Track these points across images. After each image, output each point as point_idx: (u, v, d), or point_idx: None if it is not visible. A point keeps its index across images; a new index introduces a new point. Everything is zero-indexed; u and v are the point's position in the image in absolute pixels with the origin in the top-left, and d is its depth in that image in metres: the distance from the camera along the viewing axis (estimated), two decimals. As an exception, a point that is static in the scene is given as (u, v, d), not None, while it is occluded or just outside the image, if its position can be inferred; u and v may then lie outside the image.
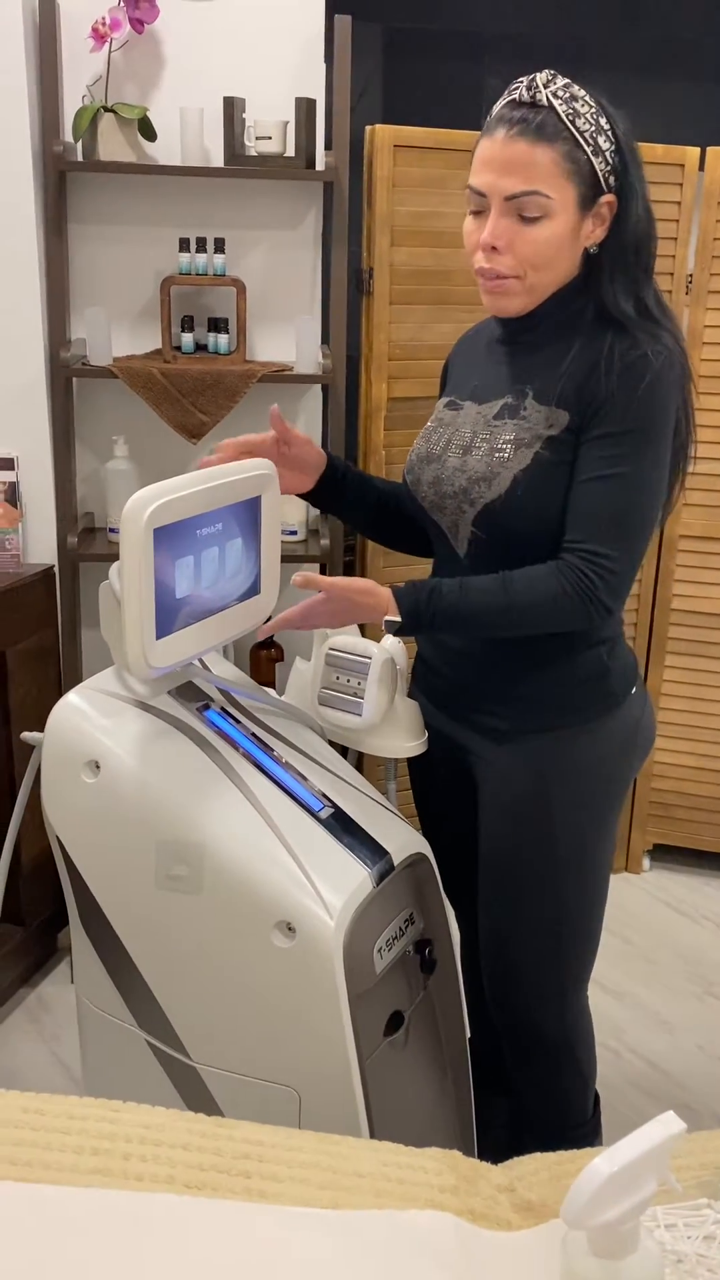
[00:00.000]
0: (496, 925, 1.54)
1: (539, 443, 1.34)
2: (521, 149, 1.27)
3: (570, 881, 1.49)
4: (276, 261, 2.36)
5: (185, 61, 2.22)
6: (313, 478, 1.54)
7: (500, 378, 1.43)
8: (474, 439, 1.41)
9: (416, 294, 2.32)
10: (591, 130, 1.29)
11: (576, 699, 1.45)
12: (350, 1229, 0.84)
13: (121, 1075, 1.49)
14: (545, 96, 1.28)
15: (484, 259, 1.33)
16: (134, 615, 1.28)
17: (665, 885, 2.89)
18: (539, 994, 1.56)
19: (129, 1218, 0.79)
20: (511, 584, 1.33)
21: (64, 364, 2.21)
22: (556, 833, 1.47)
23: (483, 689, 1.48)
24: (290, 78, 2.24)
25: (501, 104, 1.31)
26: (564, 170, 1.28)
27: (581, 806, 1.47)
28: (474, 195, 1.33)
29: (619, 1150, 0.67)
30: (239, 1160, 0.88)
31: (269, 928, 1.28)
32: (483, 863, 1.54)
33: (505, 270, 1.33)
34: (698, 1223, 0.88)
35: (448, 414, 1.48)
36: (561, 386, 1.35)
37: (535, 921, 1.51)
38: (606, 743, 1.47)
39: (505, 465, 1.36)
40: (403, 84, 3.40)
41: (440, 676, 1.54)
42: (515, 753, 1.47)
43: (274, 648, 2.45)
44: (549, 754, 1.46)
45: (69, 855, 1.43)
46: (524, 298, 1.36)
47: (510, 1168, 1.01)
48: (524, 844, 1.48)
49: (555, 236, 1.31)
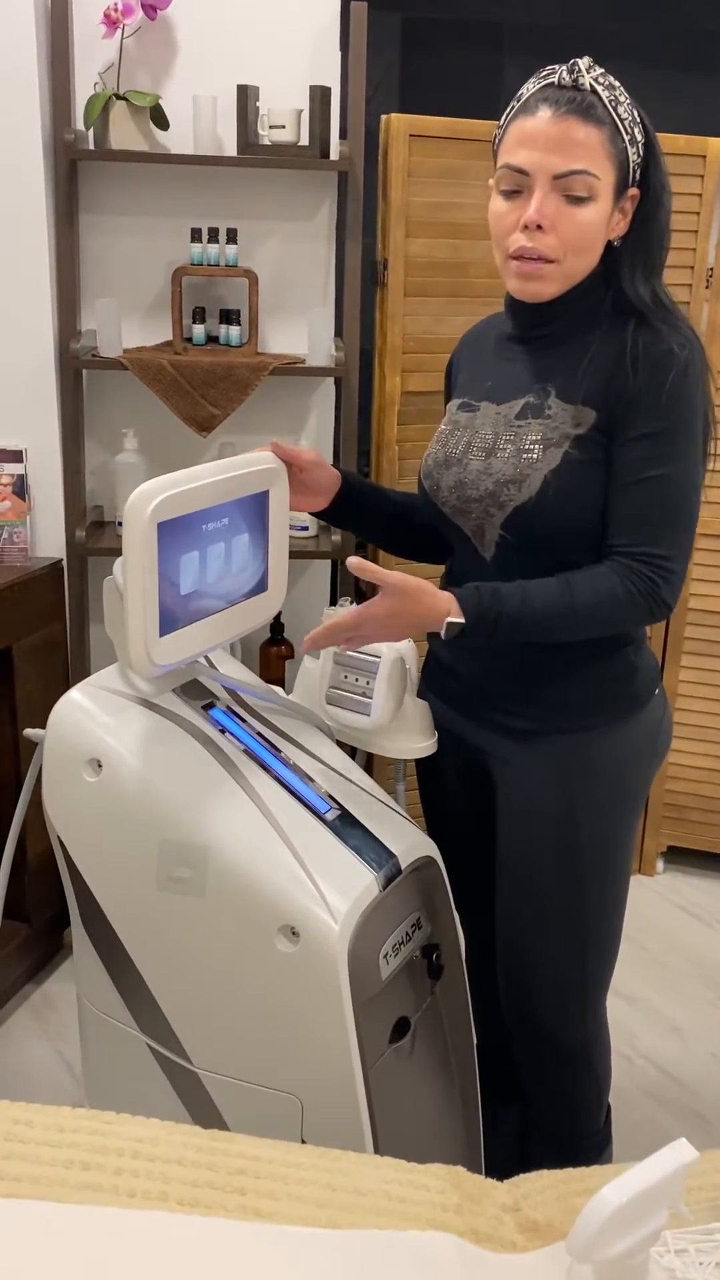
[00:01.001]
0: (516, 932, 1.51)
1: (567, 442, 1.32)
2: (572, 126, 1.25)
3: (593, 886, 1.46)
4: (290, 252, 2.33)
5: (198, 49, 2.19)
6: (327, 497, 1.50)
7: (518, 376, 1.39)
8: (497, 440, 1.37)
9: (432, 286, 2.29)
10: (629, 120, 1.29)
11: (604, 699, 1.42)
12: (348, 1249, 0.81)
13: (122, 1079, 1.47)
14: (589, 81, 1.27)
15: (525, 239, 1.29)
16: (137, 611, 1.25)
17: (679, 888, 2.85)
18: (560, 1003, 1.52)
19: (118, 1235, 0.76)
20: (573, 586, 1.30)
21: (74, 355, 2.18)
22: (580, 836, 1.43)
23: (507, 689, 1.45)
24: (305, 66, 2.21)
25: (538, 86, 1.29)
26: (608, 153, 1.27)
27: (605, 809, 1.44)
28: (511, 174, 1.29)
29: (628, 1180, 0.63)
30: (234, 1176, 0.85)
31: (272, 932, 1.25)
32: (501, 867, 1.50)
33: (547, 252, 1.29)
34: (710, 1248, 0.84)
35: (463, 416, 1.44)
36: (586, 384, 1.32)
37: (557, 927, 1.48)
38: (630, 744, 1.44)
39: (534, 466, 1.33)
40: (421, 74, 3.36)
41: (456, 677, 1.50)
42: (538, 754, 1.44)
43: (284, 644, 2.42)
44: (573, 755, 1.43)
45: (70, 855, 1.41)
46: (558, 283, 1.32)
47: (516, 1185, 0.98)
48: (546, 847, 1.45)
49: (599, 220, 1.29)
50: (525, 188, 1.28)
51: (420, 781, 1.66)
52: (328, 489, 1.49)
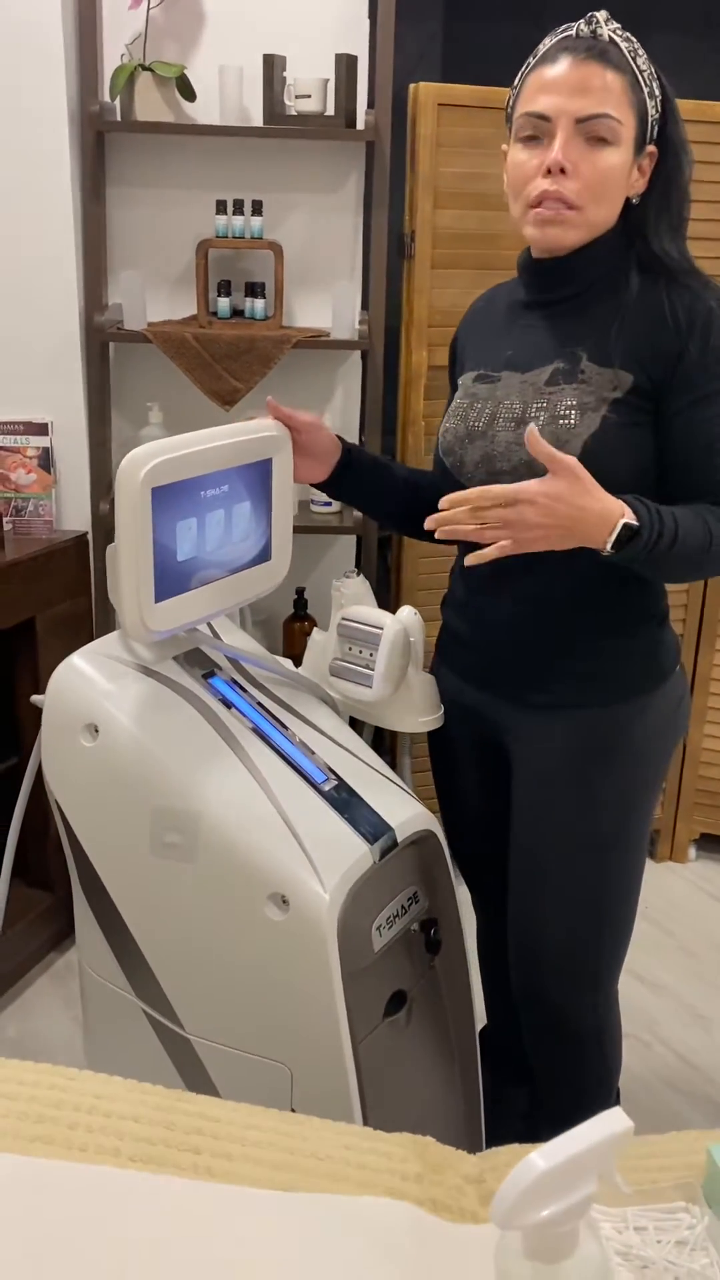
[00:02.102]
0: (529, 911, 1.48)
1: (605, 406, 1.28)
2: (594, 70, 1.24)
3: (609, 863, 1.43)
4: (316, 225, 2.31)
5: (225, 19, 2.17)
6: (328, 466, 1.47)
7: (542, 342, 1.36)
8: (527, 408, 1.33)
9: (460, 258, 2.25)
10: (648, 74, 1.28)
11: (628, 672, 1.40)
12: (297, 1213, 0.80)
13: (120, 1044, 1.48)
14: (607, 32, 1.27)
15: (548, 183, 1.27)
16: (130, 577, 1.25)
17: (711, 876, 2.80)
18: (572, 983, 1.50)
19: (60, 1188, 0.76)
20: (707, 518, 1.25)
21: (98, 328, 2.19)
22: (597, 810, 1.41)
23: (525, 662, 1.42)
24: (332, 35, 2.18)
25: (556, 38, 1.28)
26: (629, 100, 1.26)
27: (624, 784, 1.41)
28: (532, 121, 1.27)
29: (558, 1145, 0.62)
30: (190, 1135, 0.84)
31: (262, 900, 1.25)
32: (515, 844, 1.48)
33: (570, 196, 1.27)
34: (671, 1226, 0.82)
35: (482, 388, 1.40)
36: (621, 346, 1.29)
37: (570, 907, 1.45)
38: (651, 719, 1.41)
39: (573, 432, 1.29)
40: (463, 45, 3.31)
41: (474, 650, 1.48)
42: (556, 729, 1.41)
43: (307, 619, 2.41)
44: (593, 731, 1.40)
45: (67, 820, 1.41)
46: (580, 231, 1.30)
47: (486, 1158, 0.96)
48: (562, 825, 1.43)
49: (620, 165, 1.27)
50: (546, 134, 1.26)
51: (433, 757, 1.64)
52: (327, 455, 1.46)
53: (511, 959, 1.53)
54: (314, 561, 2.53)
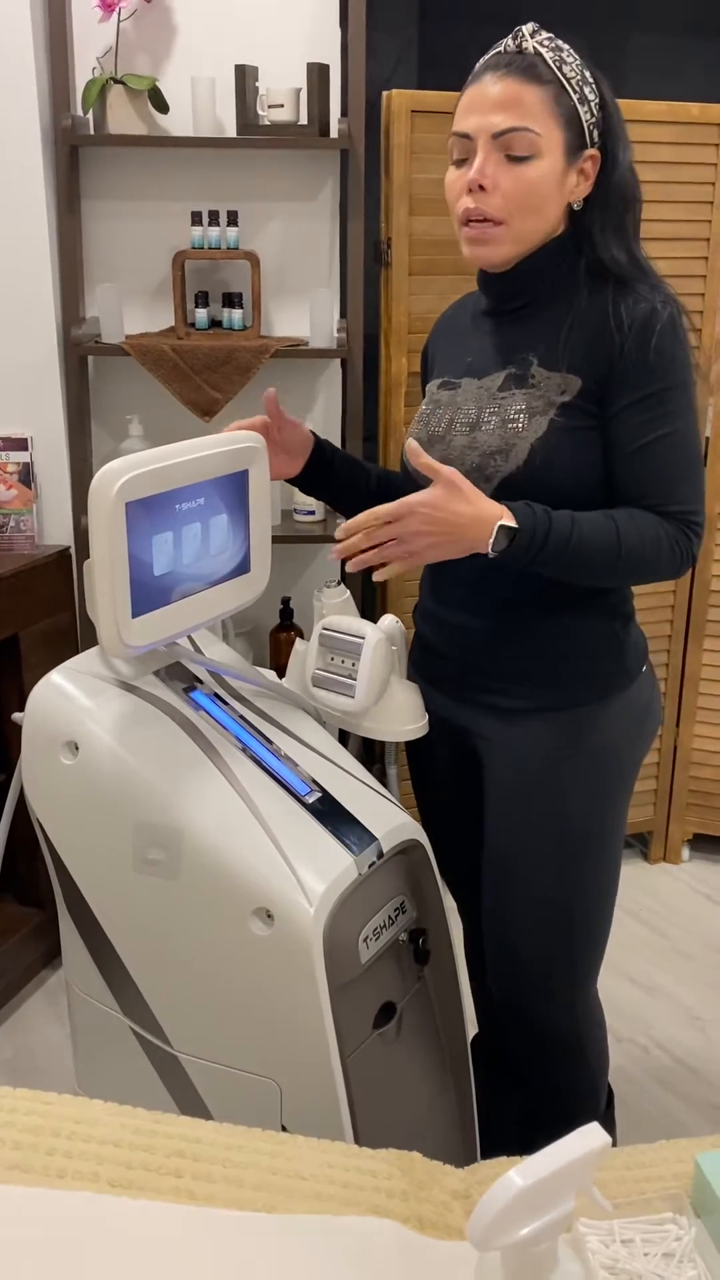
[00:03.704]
0: (502, 918, 1.49)
1: (553, 410, 1.30)
2: (510, 87, 1.26)
3: (582, 866, 1.43)
4: (292, 234, 2.31)
5: (196, 30, 2.17)
6: (299, 461, 1.50)
7: (498, 349, 1.38)
8: (481, 414, 1.35)
9: (437, 264, 2.25)
10: (577, 79, 1.28)
11: (592, 675, 1.40)
12: (281, 1234, 0.79)
13: (109, 1063, 1.46)
14: (532, 45, 1.28)
15: (469, 200, 1.29)
16: (106, 592, 1.24)
17: (705, 876, 2.79)
18: (546, 987, 1.50)
19: (35, 1216, 0.75)
20: (619, 523, 1.28)
21: (76, 342, 2.18)
22: (569, 815, 1.41)
23: (494, 668, 1.43)
24: (304, 44, 2.18)
25: (485, 58, 1.31)
26: (552, 111, 1.27)
27: (594, 789, 1.42)
28: (458, 141, 1.30)
29: (535, 1163, 0.61)
30: (171, 1158, 0.83)
31: (247, 914, 1.24)
32: (488, 848, 1.48)
33: (491, 212, 1.28)
34: (659, 1238, 0.81)
35: (444, 394, 1.42)
36: (570, 351, 1.30)
37: (543, 913, 1.45)
38: (618, 722, 1.42)
39: (520, 436, 1.31)
40: (439, 51, 3.31)
41: (443, 658, 1.48)
42: (526, 732, 1.41)
43: (292, 629, 2.41)
44: (561, 734, 1.40)
45: (49, 837, 1.40)
46: (509, 246, 1.31)
47: (473, 1172, 0.95)
48: (533, 828, 1.43)
49: (543, 177, 1.27)
50: (470, 153, 1.29)
51: (410, 767, 1.64)
52: (300, 451, 1.49)
53: (488, 964, 1.53)
54: (298, 571, 2.53)
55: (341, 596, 1.69)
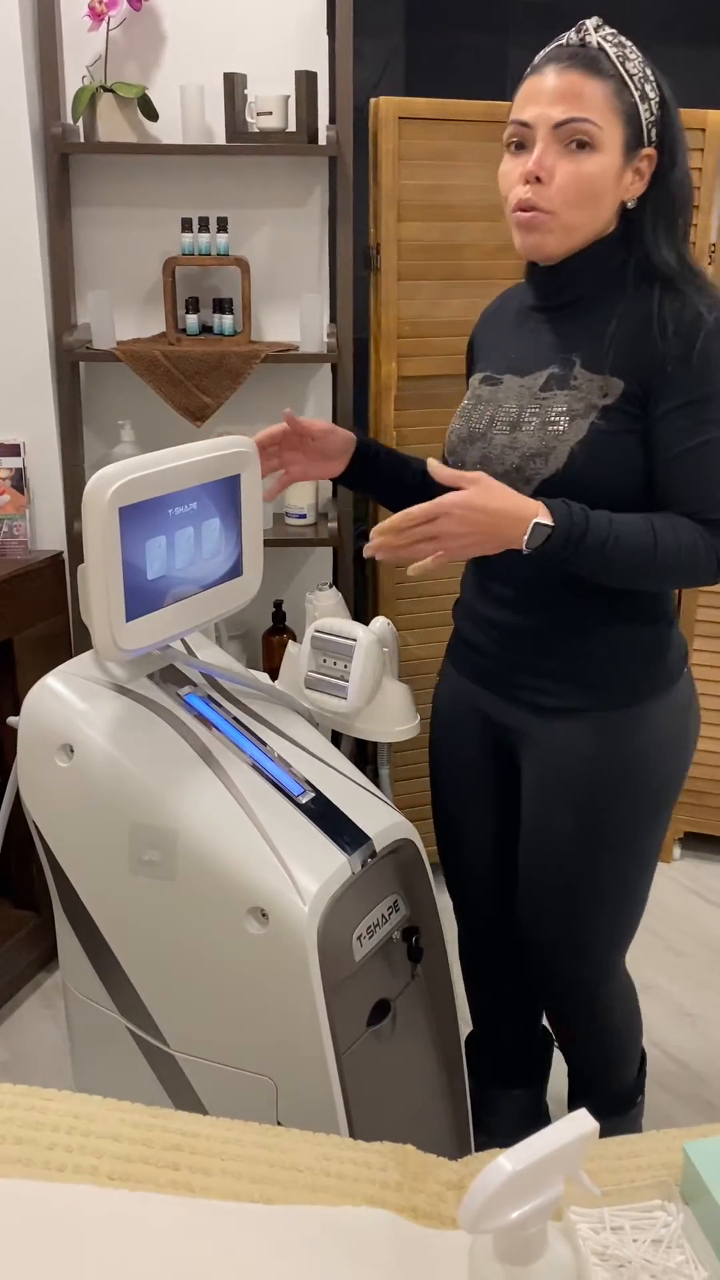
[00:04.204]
0: (535, 901, 1.52)
1: (594, 413, 1.29)
2: (574, 79, 1.25)
3: (612, 868, 1.45)
4: (282, 240, 2.33)
5: (185, 38, 2.19)
6: (342, 462, 1.50)
7: (541, 347, 1.37)
8: (522, 413, 1.35)
9: (426, 269, 2.27)
10: (639, 76, 1.28)
11: (636, 675, 1.40)
12: (276, 1225, 0.81)
13: (106, 1063, 1.48)
14: (596, 39, 1.28)
15: (525, 191, 1.28)
16: (100, 596, 1.26)
17: (696, 874, 2.81)
18: (577, 968, 1.54)
19: (38, 1209, 0.76)
20: (656, 526, 1.26)
21: (68, 348, 2.20)
22: (604, 818, 1.42)
23: (540, 667, 1.42)
24: (292, 52, 2.20)
25: (548, 49, 1.30)
26: (613, 106, 1.26)
27: (632, 791, 1.42)
28: (517, 128, 1.29)
29: (525, 1147, 0.62)
30: (168, 1152, 0.85)
31: (242, 914, 1.26)
32: (524, 839, 1.50)
33: (544, 204, 1.28)
34: (648, 1225, 0.83)
35: (486, 390, 1.42)
36: (612, 352, 1.30)
37: (572, 899, 1.48)
38: (660, 724, 1.42)
39: (561, 439, 1.30)
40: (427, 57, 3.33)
41: (485, 655, 1.48)
42: (569, 732, 1.41)
43: (285, 633, 2.42)
44: (604, 734, 1.40)
45: (45, 840, 1.42)
46: (559, 237, 1.30)
47: (467, 1164, 0.97)
48: (567, 827, 1.44)
49: (601, 171, 1.27)
50: (529, 141, 1.28)
51: (433, 760, 1.62)
52: (341, 454, 1.49)
53: (525, 947, 1.56)
54: (291, 574, 2.54)
55: (333, 599, 1.71)
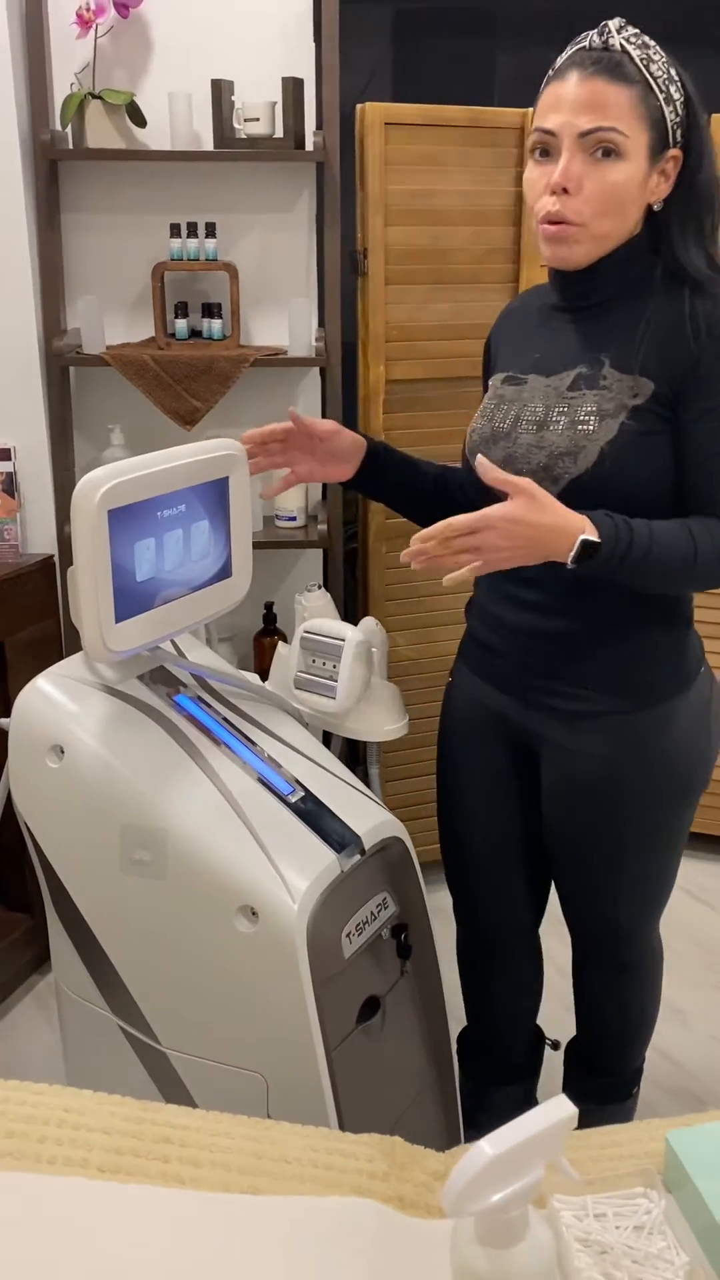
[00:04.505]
0: (565, 891, 1.57)
1: (624, 413, 1.29)
2: (598, 87, 1.24)
3: (640, 859, 1.47)
4: (270, 244, 2.34)
5: (173, 45, 2.20)
6: (353, 465, 1.49)
7: (568, 347, 1.36)
8: (549, 413, 1.34)
9: (413, 274, 2.29)
10: (664, 78, 1.26)
11: (656, 677, 1.40)
12: (265, 1215, 0.82)
13: (98, 1061, 1.49)
14: (619, 41, 1.25)
15: (552, 203, 1.28)
16: (90, 598, 1.27)
17: (687, 872, 2.81)
18: (606, 949, 1.61)
19: (29, 1201, 0.78)
20: (694, 532, 1.25)
21: (58, 353, 2.21)
22: (627, 817, 1.44)
23: (558, 670, 1.42)
24: (279, 58, 2.22)
25: (570, 52, 1.29)
26: (638, 113, 1.24)
27: (654, 790, 1.43)
28: (541, 136, 1.28)
29: (505, 1133, 0.64)
30: (158, 1144, 0.86)
31: (232, 912, 1.27)
32: (548, 835, 1.54)
33: (572, 216, 1.27)
34: (630, 1212, 0.85)
35: (509, 389, 1.41)
36: (642, 353, 1.29)
37: (600, 890, 1.52)
38: (681, 723, 1.42)
39: (591, 438, 1.29)
40: (414, 64, 3.35)
41: (502, 658, 1.48)
42: (588, 735, 1.42)
43: (275, 635, 2.43)
44: (624, 737, 1.41)
45: (37, 840, 1.43)
46: (587, 246, 1.30)
47: (452, 1155, 0.98)
48: (592, 826, 1.46)
49: (628, 179, 1.26)
50: (554, 149, 1.27)
51: (442, 759, 1.62)
52: (351, 456, 1.48)
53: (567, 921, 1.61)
54: (281, 576, 2.56)
55: (322, 600, 1.72)
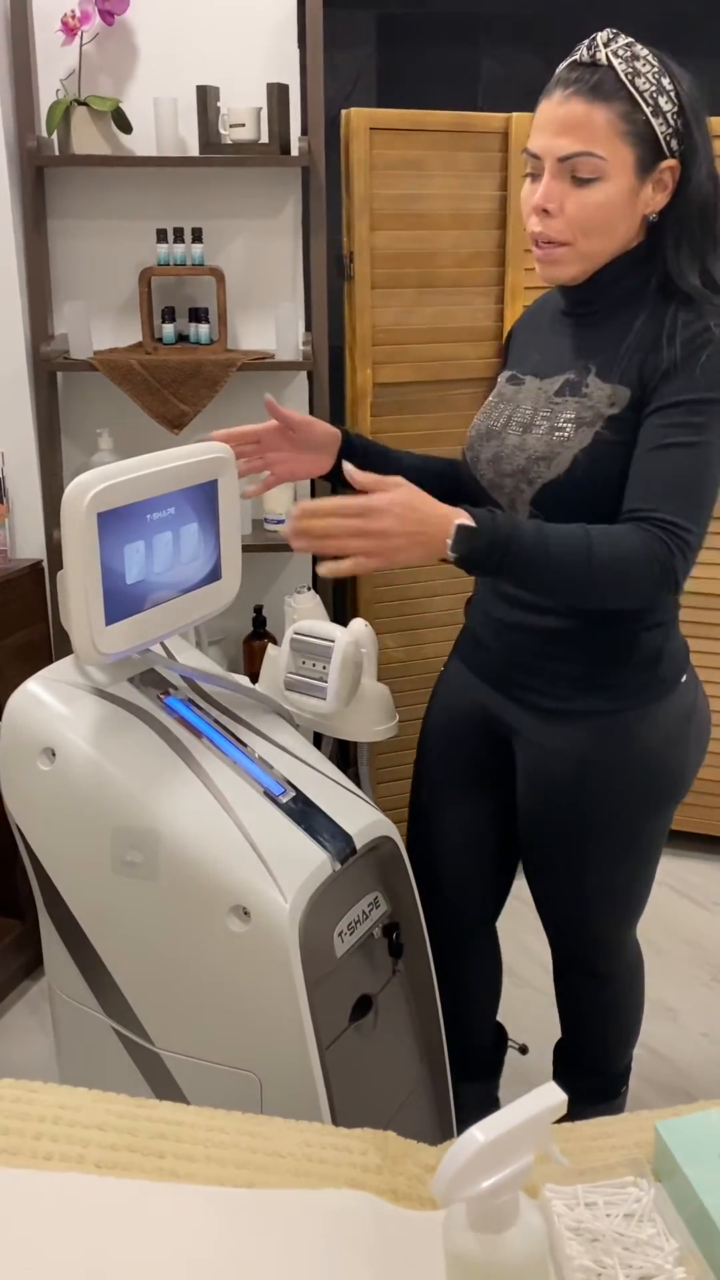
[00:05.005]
0: (538, 889, 1.58)
1: (600, 422, 1.30)
2: (577, 109, 1.24)
3: (611, 862, 1.48)
4: (257, 249, 2.35)
5: (158, 51, 2.22)
6: (330, 457, 1.49)
7: (563, 352, 1.38)
8: (534, 416, 1.36)
9: (400, 278, 2.30)
10: (652, 90, 1.25)
11: (628, 683, 1.40)
12: (260, 1208, 0.83)
13: (92, 1063, 1.49)
14: (605, 55, 1.24)
15: (536, 223, 1.30)
16: (80, 601, 1.28)
17: (675, 871, 2.84)
18: (582, 950, 1.61)
19: (25, 1197, 0.78)
20: (592, 536, 1.22)
21: (45, 358, 2.22)
22: (596, 819, 1.44)
23: (534, 665, 1.44)
24: (263, 64, 2.23)
25: (563, 65, 1.29)
26: (620, 131, 1.24)
27: (621, 798, 1.43)
28: (529, 158, 1.29)
29: (496, 1120, 0.65)
30: (154, 1140, 0.87)
31: (224, 912, 1.27)
32: (521, 836, 1.55)
33: (556, 235, 1.29)
34: (620, 1200, 0.86)
35: (509, 389, 1.44)
36: (624, 363, 1.30)
37: (565, 890, 1.53)
38: (655, 730, 1.42)
39: (565, 445, 1.31)
40: (398, 70, 3.37)
41: (489, 650, 1.50)
42: (562, 734, 1.43)
43: (265, 638, 2.44)
44: (597, 738, 1.41)
45: (29, 843, 1.43)
46: (577, 265, 1.31)
47: (445, 1148, 0.99)
48: (561, 825, 1.47)
49: (609, 200, 1.26)
50: (540, 171, 1.28)
51: (425, 753, 1.64)
52: (326, 446, 1.48)
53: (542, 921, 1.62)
54: (270, 579, 2.57)
55: (312, 602, 1.73)
